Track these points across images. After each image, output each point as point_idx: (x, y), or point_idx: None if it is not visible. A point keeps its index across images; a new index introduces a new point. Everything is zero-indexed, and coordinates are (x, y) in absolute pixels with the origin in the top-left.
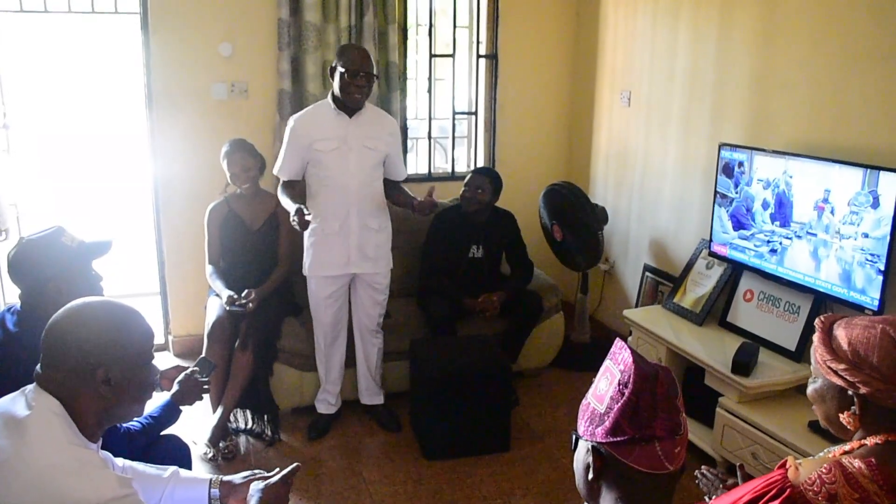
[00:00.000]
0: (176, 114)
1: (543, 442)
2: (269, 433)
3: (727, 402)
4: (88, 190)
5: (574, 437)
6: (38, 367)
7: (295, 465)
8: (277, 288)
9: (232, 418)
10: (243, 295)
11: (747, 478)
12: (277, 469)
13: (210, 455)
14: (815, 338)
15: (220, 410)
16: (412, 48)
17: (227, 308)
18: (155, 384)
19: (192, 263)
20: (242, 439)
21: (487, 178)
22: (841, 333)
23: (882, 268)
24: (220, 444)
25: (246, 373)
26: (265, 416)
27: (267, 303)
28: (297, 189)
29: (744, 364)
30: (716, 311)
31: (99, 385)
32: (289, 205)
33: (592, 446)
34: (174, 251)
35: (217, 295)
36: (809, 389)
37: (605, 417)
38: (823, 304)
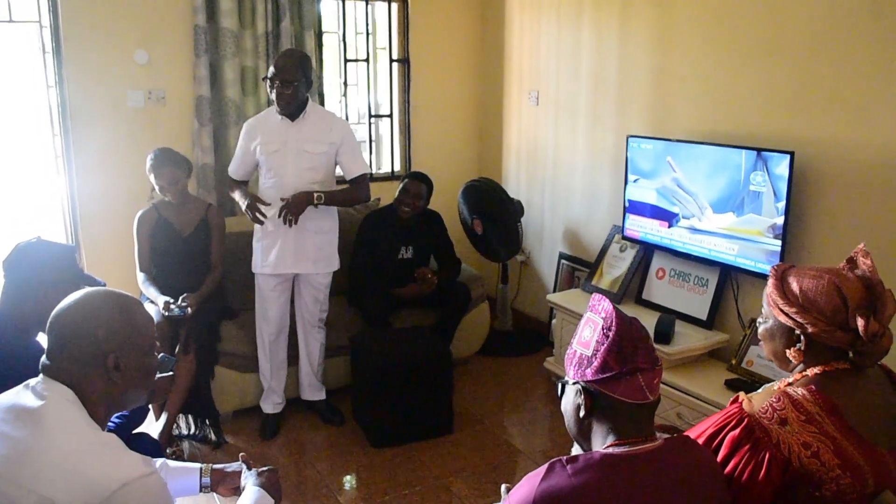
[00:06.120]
0: (91, 124)
1: (483, 423)
2: (214, 437)
3: None
4: None
5: (560, 386)
6: (43, 357)
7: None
8: (212, 292)
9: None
10: (181, 300)
11: None
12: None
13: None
14: (770, 284)
15: (163, 417)
16: (327, 53)
17: (165, 314)
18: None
19: (116, 276)
20: (186, 444)
21: (425, 185)
22: (793, 280)
23: (779, 238)
24: (167, 451)
25: (189, 377)
26: (206, 421)
27: (204, 307)
28: (243, 190)
29: (664, 334)
30: (632, 290)
31: (110, 371)
32: (240, 199)
33: (582, 387)
34: (95, 265)
35: (152, 302)
36: (761, 329)
37: (594, 359)
38: (729, 275)
